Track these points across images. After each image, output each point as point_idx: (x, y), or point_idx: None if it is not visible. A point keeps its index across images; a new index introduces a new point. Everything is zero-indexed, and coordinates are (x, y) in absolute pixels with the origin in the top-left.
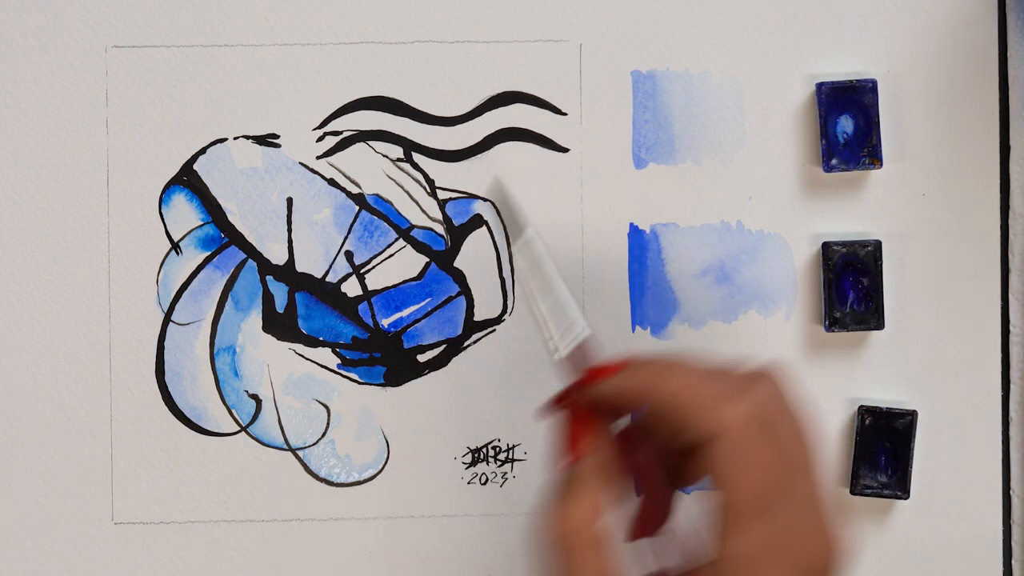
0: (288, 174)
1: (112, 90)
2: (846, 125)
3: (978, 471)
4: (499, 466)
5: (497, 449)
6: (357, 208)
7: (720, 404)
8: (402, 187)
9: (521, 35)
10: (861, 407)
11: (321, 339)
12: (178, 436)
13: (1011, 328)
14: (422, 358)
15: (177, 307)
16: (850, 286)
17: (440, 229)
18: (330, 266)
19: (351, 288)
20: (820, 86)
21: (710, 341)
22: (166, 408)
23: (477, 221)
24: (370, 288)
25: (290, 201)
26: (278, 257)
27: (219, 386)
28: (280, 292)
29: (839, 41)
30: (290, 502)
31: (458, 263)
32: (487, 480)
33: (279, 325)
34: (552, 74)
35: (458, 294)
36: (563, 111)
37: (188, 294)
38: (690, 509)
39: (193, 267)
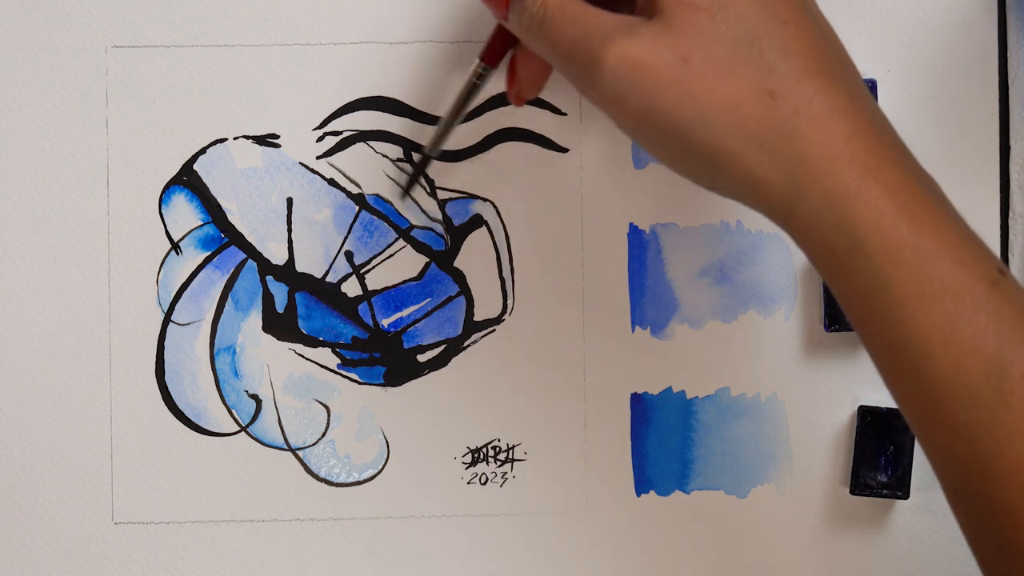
0: (288, 174)
1: (112, 90)
2: None
3: None
4: (499, 466)
5: (497, 449)
6: (357, 208)
7: None
8: (402, 187)
9: None
10: (861, 407)
11: (321, 339)
12: (178, 436)
13: None
14: (422, 358)
15: (177, 307)
16: None
17: (440, 229)
18: (330, 266)
19: (351, 288)
20: None
21: (710, 341)
22: (166, 408)
23: (477, 221)
24: (370, 288)
25: (290, 201)
26: (278, 257)
27: (219, 386)
28: (280, 292)
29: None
30: (290, 502)
31: (458, 263)
32: (487, 480)
33: (279, 325)
34: (552, 74)
35: (458, 294)
36: (563, 111)
37: (188, 294)
38: None
39: (193, 267)
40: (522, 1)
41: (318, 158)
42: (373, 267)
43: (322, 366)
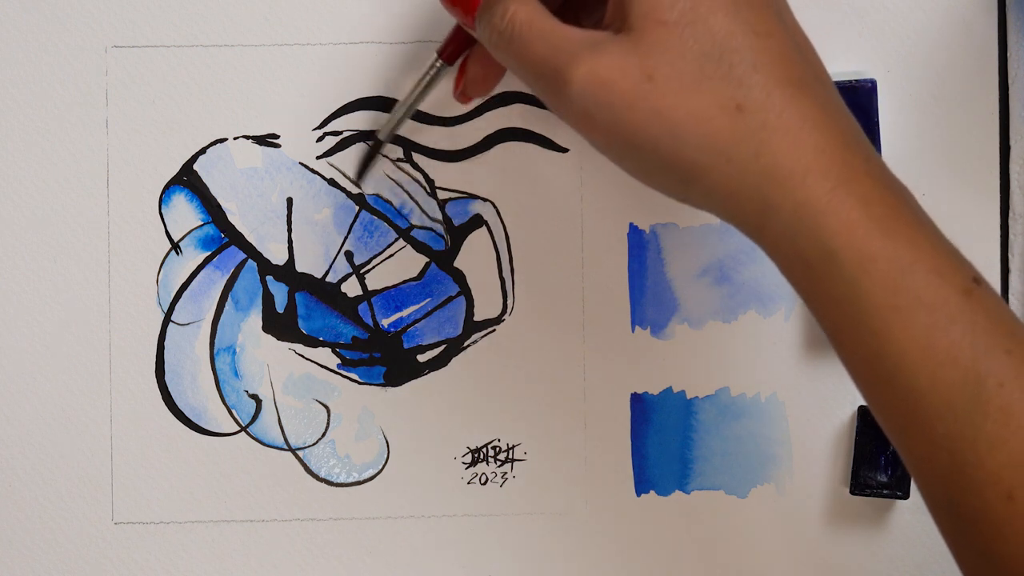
0: (288, 174)
1: (112, 90)
2: None
3: None
4: (499, 466)
5: (497, 449)
6: (357, 208)
7: None
8: (402, 187)
9: None
10: (861, 407)
11: (321, 339)
12: (178, 436)
13: None
14: (422, 358)
15: (177, 307)
16: None
17: (440, 229)
18: (330, 266)
19: (351, 288)
20: None
21: (710, 341)
22: (166, 408)
23: (477, 221)
24: (370, 288)
25: (290, 201)
26: (278, 257)
27: (219, 386)
28: (280, 292)
29: (839, 41)
30: (290, 502)
31: (458, 263)
32: (487, 480)
33: (279, 325)
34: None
35: (458, 294)
36: None
37: (188, 294)
38: None
39: (193, 267)
40: (489, 16)
41: (318, 158)
42: (373, 267)
43: (322, 366)
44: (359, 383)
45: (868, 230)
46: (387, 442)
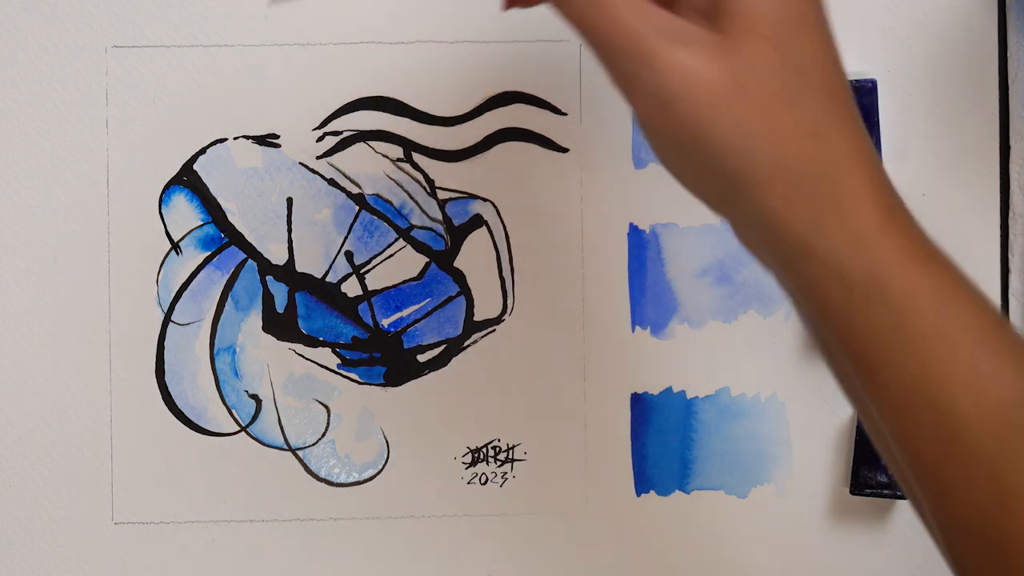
0: (288, 174)
1: (112, 90)
2: None
3: None
4: (499, 466)
5: (497, 449)
6: (357, 208)
7: None
8: (402, 187)
9: (521, 35)
10: None
11: (321, 339)
12: (178, 436)
13: None
14: (422, 358)
15: (177, 307)
16: None
17: (440, 229)
18: (330, 266)
19: (351, 288)
20: None
21: (710, 341)
22: (166, 408)
23: (477, 221)
24: (370, 288)
25: (290, 201)
26: (278, 257)
27: (219, 386)
28: (280, 292)
29: (839, 41)
30: (290, 502)
31: (458, 263)
32: (487, 480)
33: (279, 325)
34: (552, 74)
35: (458, 294)
36: (563, 111)
37: (188, 294)
38: None
39: (193, 267)
40: None
41: (318, 158)
42: (373, 267)
43: (322, 366)
44: (359, 383)
45: (913, 259)
46: (387, 442)
